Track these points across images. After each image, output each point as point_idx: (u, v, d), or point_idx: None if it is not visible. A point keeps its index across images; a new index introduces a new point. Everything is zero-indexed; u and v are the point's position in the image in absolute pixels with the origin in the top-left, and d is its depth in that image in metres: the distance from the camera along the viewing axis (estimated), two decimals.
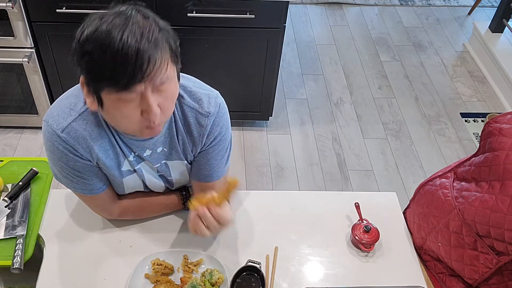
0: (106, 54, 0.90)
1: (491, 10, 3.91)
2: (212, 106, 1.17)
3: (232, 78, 2.58)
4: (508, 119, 1.16)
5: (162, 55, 0.95)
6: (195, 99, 1.16)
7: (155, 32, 0.94)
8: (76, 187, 1.21)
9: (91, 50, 0.91)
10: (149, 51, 0.92)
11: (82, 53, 0.93)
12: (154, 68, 0.93)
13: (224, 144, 1.24)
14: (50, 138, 1.11)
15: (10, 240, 1.30)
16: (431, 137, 2.93)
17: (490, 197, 1.12)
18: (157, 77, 0.95)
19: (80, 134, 1.10)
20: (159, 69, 0.95)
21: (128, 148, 1.17)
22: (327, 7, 3.98)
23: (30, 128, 2.73)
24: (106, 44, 0.90)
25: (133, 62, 0.90)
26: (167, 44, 0.97)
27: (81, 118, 1.10)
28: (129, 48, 0.90)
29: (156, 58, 0.93)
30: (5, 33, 2.27)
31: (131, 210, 1.33)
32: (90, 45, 0.91)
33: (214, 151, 1.23)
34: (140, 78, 0.92)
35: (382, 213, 1.43)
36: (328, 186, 2.60)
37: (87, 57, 0.93)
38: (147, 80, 0.94)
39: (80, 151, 1.12)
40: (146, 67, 0.92)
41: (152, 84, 0.95)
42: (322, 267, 1.31)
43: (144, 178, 1.26)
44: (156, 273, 1.24)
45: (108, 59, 0.90)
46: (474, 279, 1.22)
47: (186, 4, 2.24)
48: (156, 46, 0.93)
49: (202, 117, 1.16)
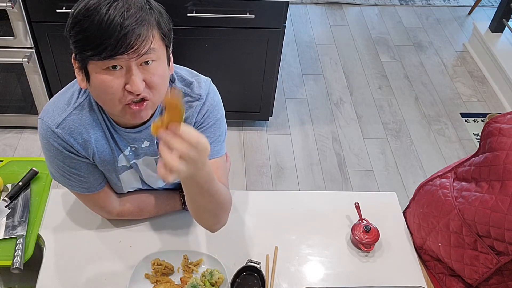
0: (92, 25, 0.94)
1: (491, 10, 3.91)
2: (202, 89, 1.18)
3: (232, 78, 2.58)
4: (508, 119, 1.16)
5: (148, 31, 0.97)
6: (186, 83, 1.18)
7: (145, 9, 0.97)
8: (73, 186, 1.21)
9: (78, 22, 0.95)
10: (135, 24, 0.94)
11: (72, 25, 0.97)
12: (138, 41, 0.95)
13: (217, 125, 1.22)
14: (46, 136, 1.11)
15: (10, 240, 1.30)
16: (431, 137, 2.93)
17: (490, 197, 1.12)
18: (140, 50, 0.96)
19: (76, 128, 1.11)
20: (144, 43, 0.96)
21: (124, 141, 1.17)
22: (327, 7, 3.98)
23: (30, 128, 2.73)
24: (93, 16, 0.93)
25: (117, 33, 0.93)
26: (155, 21, 0.99)
27: (75, 112, 1.11)
28: (114, 20, 0.93)
29: (141, 32, 0.95)
30: (5, 33, 2.27)
31: (131, 210, 1.33)
32: (79, 17, 0.95)
33: (206, 132, 1.20)
34: (123, 49, 0.94)
35: (382, 213, 1.43)
36: (328, 186, 2.60)
37: (76, 28, 0.96)
38: (131, 52, 0.95)
39: (76, 147, 1.12)
40: (130, 39, 0.94)
41: (137, 57, 0.96)
42: (322, 267, 1.31)
43: (141, 173, 1.26)
44: (156, 273, 1.24)
45: (94, 30, 0.93)
46: (474, 279, 1.22)
47: (186, 4, 2.24)
48: (142, 21, 0.96)
49: (193, 100, 1.17)
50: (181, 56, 2.45)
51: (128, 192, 1.32)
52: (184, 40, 2.39)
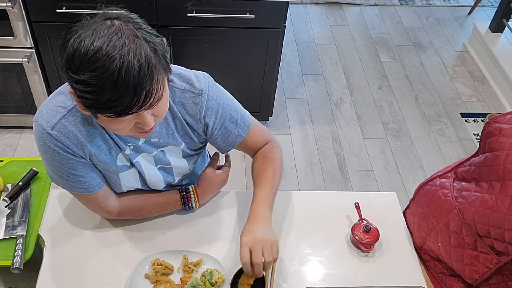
0: (103, 87, 0.89)
1: (491, 10, 3.91)
2: (202, 83, 1.18)
3: (232, 78, 2.58)
4: (508, 119, 1.16)
5: (158, 81, 0.95)
6: (185, 80, 1.18)
7: (151, 58, 0.93)
8: (72, 187, 1.20)
9: (86, 81, 0.90)
10: (147, 84, 0.92)
11: (76, 80, 0.91)
12: (151, 98, 0.94)
13: (230, 109, 1.24)
14: (41, 138, 1.11)
15: (10, 240, 1.29)
16: (431, 137, 2.93)
17: (490, 197, 1.12)
18: (153, 104, 0.96)
19: (71, 130, 1.10)
20: (156, 95, 0.96)
21: (122, 141, 1.17)
22: (327, 7, 3.98)
23: (30, 128, 2.73)
24: (103, 74, 0.88)
25: (131, 96, 0.91)
26: (160, 64, 0.96)
27: (70, 114, 1.10)
28: (129, 82, 0.89)
29: (153, 89, 0.94)
30: (5, 33, 2.27)
31: (131, 210, 1.33)
32: (84, 74, 0.90)
33: (225, 122, 1.24)
34: (136, 109, 0.94)
35: (382, 213, 1.43)
36: (328, 186, 2.60)
37: (83, 87, 0.91)
38: (144, 108, 0.95)
39: (72, 148, 1.12)
40: (144, 99, 0.93)
41: (149, 108, 0.97)
42: (322, 267, 1.31)
43: (143, 171, 1.25)
44: (156, 273, 1.24)
45: (105, 92, 0.90)
46: (474, 279, 1.22)
47: (186, 4, 2.24)
48: (153, 75, 0.93)
49: (196, 96, 1.17)
50: (181, 56, 2.45)
51: (128, 192, 1.32)
52: (184, 40, 2.39)
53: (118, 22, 0.93)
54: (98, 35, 0.90)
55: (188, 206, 1.36)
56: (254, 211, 1.23)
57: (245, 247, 1.14)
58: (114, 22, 0.93)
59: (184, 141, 1.25)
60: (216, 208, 1.42)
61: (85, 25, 0.93)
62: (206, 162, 1.50)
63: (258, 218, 1.21)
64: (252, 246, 1.14)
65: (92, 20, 0.94)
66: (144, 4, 2.22)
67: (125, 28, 0.92)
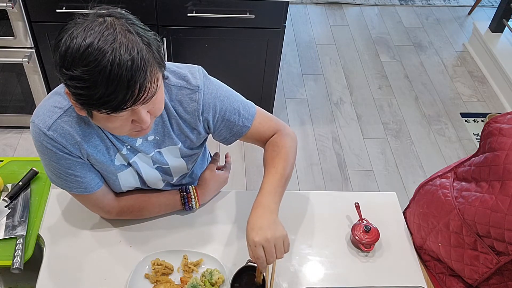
0: (96, 83, 0.89)
1: (491, 10, 3.91)
2: (198, 80, 1.17)
3: (232, 78, 2.56)
4: (508, 119, 1.16)
5: (152, 75, 0.95)
6: (180, 77, 1.16)
7: (143, 52, 0.92)
8: (71, 187, 1.20)
9: (77, 76, 0.90)
10: (140, 78, 0.91)
11: (70, 76, 0.91)
12: (145, 93, 0.94)
13: (229, 101, 1.23)
14: (38, 138, 1.11)
15: (10, 240, 1.29)
16: (431, 137, 2.93)
17: (490, 197, 1.12)
18: (148, 99, 0.96)
19: (67, 130, 1.10)
20: (151, 90, 0.95)
21: (119, 141, 1.17)
22: (327, 7, 3.98)
23: (30, 128, 2.73)
24: (95, 69, 0.88)
25: (124, 91, 0.91)
26: (153, 58, 0.96)
27: (66, 114, 1.10)
28: (122, 77, 0.89)
29: (146, 83, 0.93)
30: (5, 33, 2.27)
31: (130, 210, 1.33)
32: (77, 69, 0.89)
33: (226, 114, 1.22)
34: (131, 104, 0.94)
35: (382, 213, 1.43)
36: (328, 186, 2.60)
37: (75, 83, 0.91)
38: (138, 103, 0.95)
39: (69, 148, 1.12)
40: (138, 93, 0.93)
41: (144, 103, 0.97)
42: (322, 267, 1.31)
43: (140, 170, 1.25)
44: (156, 273, 1.24)
45: (98, 87, 0.89)
46: (474, 279, 1.22)
47: (186, 4, 2.24)
48: (146, 69, 0.93)
49: (192, 93, 1.16)
50: (181, 56, 2.45)
51: (128, 191, 1.32)
52: (184, 40, 2.39)
53: (110, 19, 0.93)
54: (90, 31, 0.90)
55: (189, 206, 1.36)
56: (259, 201, 1.19)
57: (258, 247, 1.10)
58: (106, 19, 0.93)
59: (181, 140, 1.24)
60: (216, 208, 1.42)
61: (77, 23, 0.93)
62: (206, 162, 1.50)
63: (264, 209, 1.16)
64: (265, 246, 1.11)
65: (84, 18, 0.94)
66: (144, 4, 2.22)
67: (117, 24, 0.92)
